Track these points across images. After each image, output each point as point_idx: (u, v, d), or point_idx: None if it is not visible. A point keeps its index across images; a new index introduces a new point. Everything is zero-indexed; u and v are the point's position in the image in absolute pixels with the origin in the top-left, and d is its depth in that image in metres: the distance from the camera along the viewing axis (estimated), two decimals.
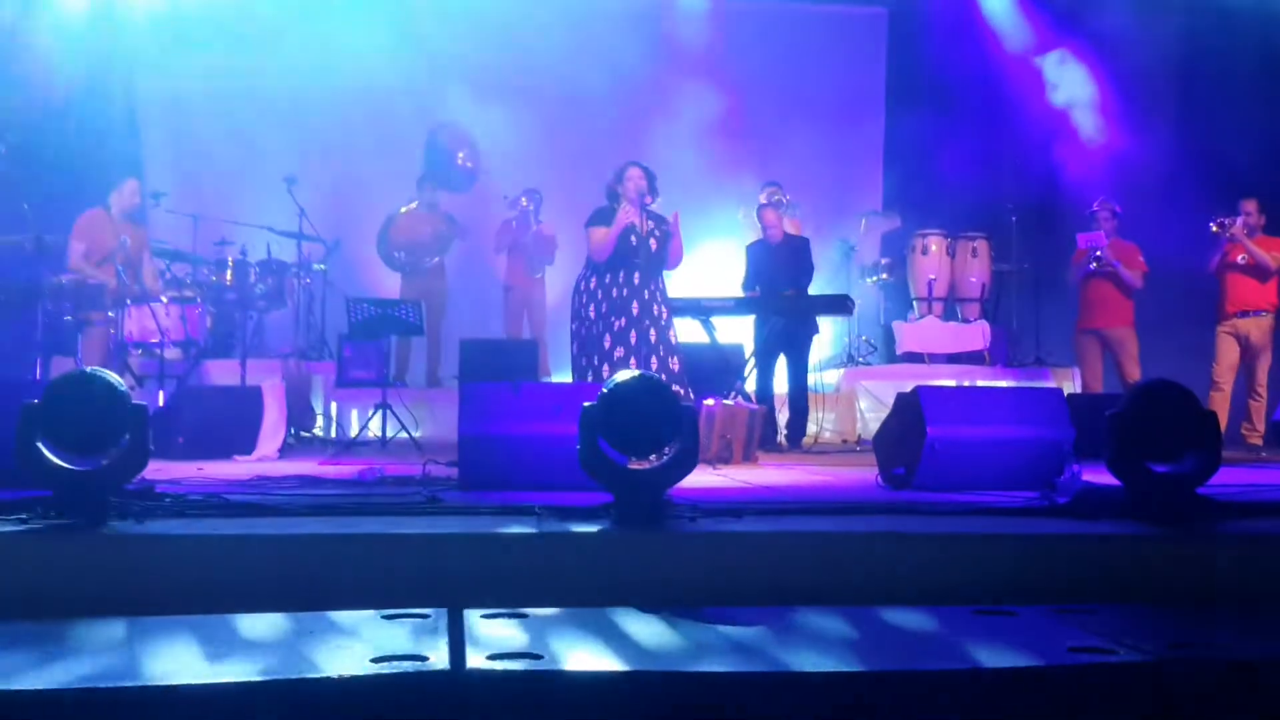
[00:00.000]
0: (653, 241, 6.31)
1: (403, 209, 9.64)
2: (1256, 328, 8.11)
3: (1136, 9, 9.38)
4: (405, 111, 10.35)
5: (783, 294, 8.11)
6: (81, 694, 1.96)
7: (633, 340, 6.18)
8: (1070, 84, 10.10)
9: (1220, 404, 7.96)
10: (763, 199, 8.89)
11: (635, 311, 6.22)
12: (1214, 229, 8.15)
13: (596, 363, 6.19)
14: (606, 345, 6.19)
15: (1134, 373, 8.26)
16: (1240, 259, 8.10)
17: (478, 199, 10.25)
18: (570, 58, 10.50)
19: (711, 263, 9.69)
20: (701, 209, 9.51)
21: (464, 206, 10.07)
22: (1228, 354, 8.13)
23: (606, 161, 6.80)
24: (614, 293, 6.26)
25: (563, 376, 8.83)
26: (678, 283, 6.95)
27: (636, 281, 6.26)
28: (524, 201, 9.79)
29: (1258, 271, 8.09)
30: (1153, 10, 9.39)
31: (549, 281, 9.97)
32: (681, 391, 5.93)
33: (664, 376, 5.30)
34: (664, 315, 6.33)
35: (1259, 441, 7.88)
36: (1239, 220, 8.07)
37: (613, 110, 10.52)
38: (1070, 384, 8.86)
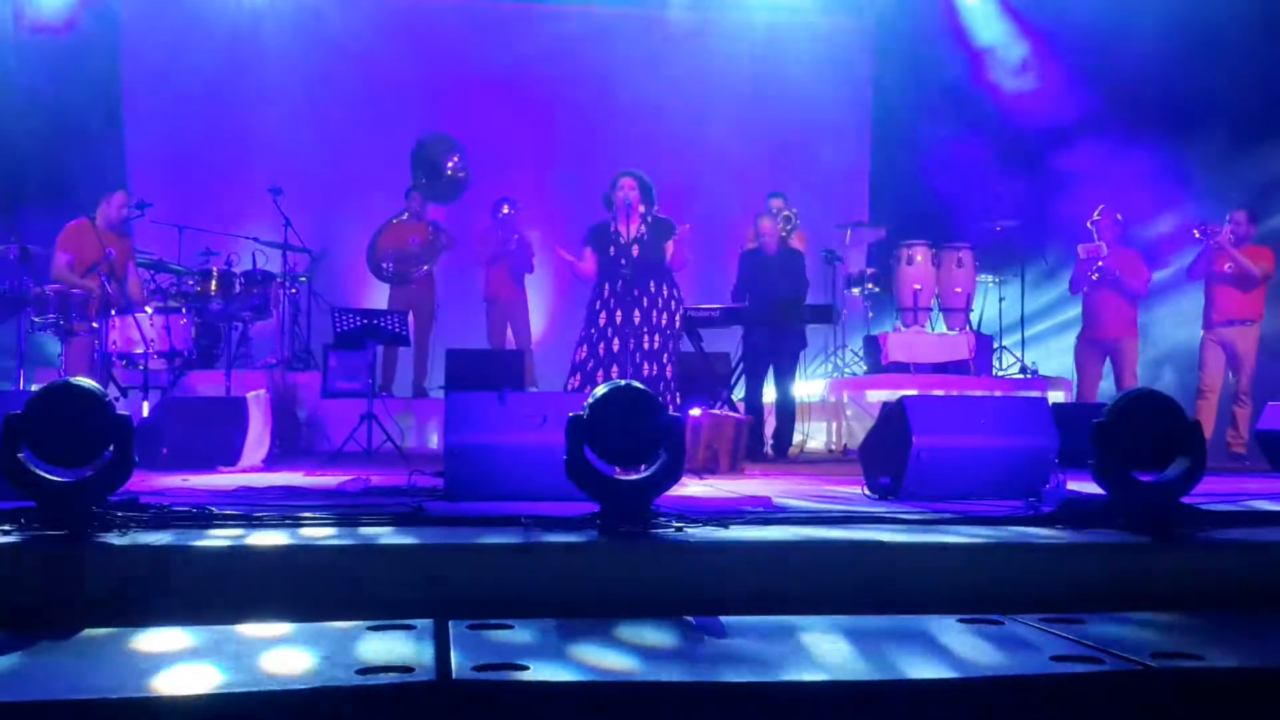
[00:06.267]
0: (635, 249, 6.40)
1: (393, 220, 9.61)
2: (1241, 337, 8.04)
3: (1120, 21, 9.41)
4: (393, 121, 10.34)
5: (770, 303, 8.09)
6: (64, 705, 1.95)
7: (601, 351, 6.42)
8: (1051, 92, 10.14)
9: (1206, 412, 7.93)
10: (777, 204, 8.77)
11: (619, 320, 6.41)
12: (1196, 235, 8.10)
13: (570, 372, 6.51)
14: (579, 357, 6.49)
15: (1130, 384, 8.20)
16: (1227, 268, 8.01)
17: (467, 208, 10.23)
18: (562, 69, 10.55)
19: (696, 272, 9.69)
20: (686, 219, 9.51)
21: (453, 215, 10.05)
22: (1213, 362, 8.10)
23: (595, 171, 6.85)
24: (595, 305, 6.55)
25: (549, 387, 8.83)
26: None
27: (619, 289, 6.43)
28: (505, 209, 9.72)
29: (1243, 281, 8.00)
30: (1138, 23, 9.41)
31: (530, 291, 9.96)
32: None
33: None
34: (659, 320, 6.40)
35: (1243, 449, 7.83)
36: (1226, 229, 8.00)
37: (601, 121, 10.56)
38: (1058, 393, 8.87)
